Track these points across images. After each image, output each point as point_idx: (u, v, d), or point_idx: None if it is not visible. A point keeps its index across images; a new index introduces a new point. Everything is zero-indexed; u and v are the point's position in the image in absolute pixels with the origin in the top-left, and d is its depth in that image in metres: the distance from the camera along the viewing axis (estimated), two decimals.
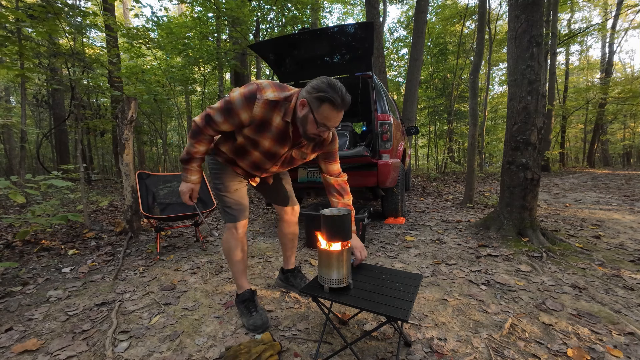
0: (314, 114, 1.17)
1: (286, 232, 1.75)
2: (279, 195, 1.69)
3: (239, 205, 1.50)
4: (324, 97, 1.14)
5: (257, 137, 1.30)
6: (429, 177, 9.11)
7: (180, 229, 3.44)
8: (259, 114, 1.22)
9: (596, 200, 4.71)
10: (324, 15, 10.28)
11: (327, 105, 1.15)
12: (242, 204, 1.52)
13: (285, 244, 1.79)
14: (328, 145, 1.45)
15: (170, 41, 7.11)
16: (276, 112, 1.24)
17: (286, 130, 1.28)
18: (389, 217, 3.52)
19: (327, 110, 1.16)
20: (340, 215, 1.23)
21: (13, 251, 2.65)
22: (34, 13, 3.04)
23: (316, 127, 1.19)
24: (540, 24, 2.63)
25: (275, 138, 1.31)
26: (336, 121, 1.21)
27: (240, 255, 1.53)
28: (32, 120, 12.12)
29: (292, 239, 1.78)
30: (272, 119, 1.25)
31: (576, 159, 20.18)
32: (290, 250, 1.81)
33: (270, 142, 1.32)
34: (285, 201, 1.69)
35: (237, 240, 1.51)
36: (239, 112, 1.22)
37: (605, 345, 1.27)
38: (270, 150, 1.35)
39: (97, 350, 1.33)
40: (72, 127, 6.58)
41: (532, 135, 2.65)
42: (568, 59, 16.01)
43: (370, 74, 2.95)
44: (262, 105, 1.21)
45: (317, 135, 1.23)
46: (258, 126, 1.26)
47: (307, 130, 1.22)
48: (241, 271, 1.55)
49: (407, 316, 1.04)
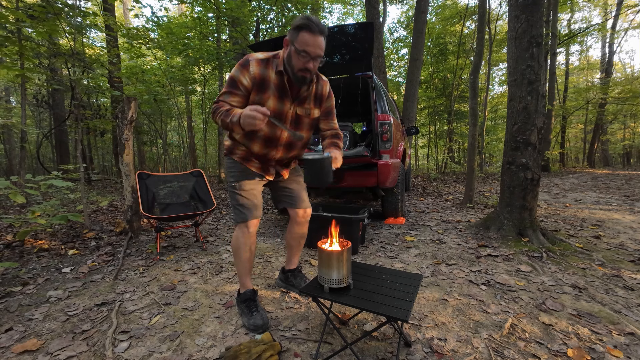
0: (295, 45, 1.27)
1: (295, 234, 1.75)
2: (292, 196, 1.69)
3: (251, 204, 1.52)
4: (299, 26, 1.25)
5: (261, 99, 1.37)
6: (429, 177, 9.11)
7: (180, 229, 3.44)
8: (256, 72, 1.35)
9: (596, 201, 4.71)
10: (324, 15, 10.30)
11: (303, 31, 1.24)
12: (255, 203, 1.54)
13: (292, 245, 1.78)
14: (326, 101, 1.55)
15: (170, 41, 7.10)
16: (270, 68, 1.37)
17: (282, 82, 1.38)
18: (389, 217, 3.52)
19: (305, 36, 1.25)
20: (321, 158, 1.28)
21: (13, 251, 2.65)
22: (34, 13, 3.04)
23: (299, 58, 1.28)
24: (540, 24, 2.63)
25: (276, 94, 1.39)
26: (315, 46, 1.26)
27: (247, 254, 1.55)
28: (32, 120, 12.12)
29: (300, 241, 1.78)
30: (269, 76, 1.36)
31: (576, 159, 20.19)
32: (295, 251, 1.81)
33: (273, 101, 1.39)
34: (298, 203, 1.69)
35: (246, 239, 1.53)
36: (240, 79, 1.34)
37: (606, 346, 1.27)
38: (276, 110, 1.40)
39: (97, 350, 1.33)
40: (72, 127, 6.59)
41: (532, 135, 2.65)
42: (568, 59, 16.01)
43: (370, 74, 2.95)
44: (255, 64, 1.34)
45: (305, 70, 1.31)
46: (259, 86, 1.36)
47: (295, 67, 1.31)
48: (246, 270, 1.57)
49: (407, 316, 1.04)
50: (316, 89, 1.49)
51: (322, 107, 1.55)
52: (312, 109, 1.50)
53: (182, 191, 2.99)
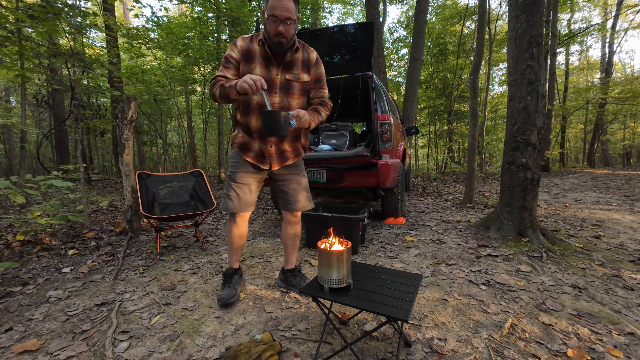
0: (266, 13, 1.41)
1: (288, 234, 1.82)
2: (287, 199, 1.74)
3: (237, 198, 1.64)
4: None
5: (249, 68, 1.52)
6: (429, 177, 9.11)
7: (180, 229, 3.44)
8: (242, 45, 1.52)
9: (596, 200, 4.72)
10: (324, 15, 10.30)
11: None
12: (242, 198, 1.64)
13: (287, 244, 1.84)
14: (315, 67, 1.63)
15: (170, 41, 7.11)
16: (254, 42, 1.53)
17: (264, 51, 1.51)
18: (389, 217, 3.52)
19: (271, 2, 1.38)
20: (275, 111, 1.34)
21: (13, 251, 2.65)
22: (34, 13, 3.04)
23: (270, 23, 1.41)
24: (540, 24, 2.63)
25: (262, 63, 1.53)
26: (282, 9, 1.37)
27: (236, 239, 1.73)
28: (32, 120, 12.12)
29: (294, 240, 1.84)
30: (254, 48, 1.52)
31: (576, 159, 20.19)
32: (291, 251, 1.85)
33: (260, 69, 1.52)
34: (292, 205, 1.74)
35: (234, 229, 1.71)
36: (230, 54, 1.53)
37: (605, 346, 1.27)
38: (263, 77, 1.49)
39: (97, 350, 1.33)
40: (72, 127, 6.59)
41: (532, 135, 2.65)
42: (568, 59, 16.01)
43: (370, 74, 2.95)
44: (241, 39, 1.54)
45: (279, 35, 1.42)
46: (245, 57, 1.52)
47: (270, 34, 1.44)
48: (232, 251, 1.77)
49: (407, 316, 1.04)
50: (303, 55, 1.59)
51: (310, 72, 1.62)
52: (300, 73, 1.59)
53: (182, 191, 2.99)
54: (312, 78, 1.64)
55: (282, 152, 1.66)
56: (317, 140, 3.77)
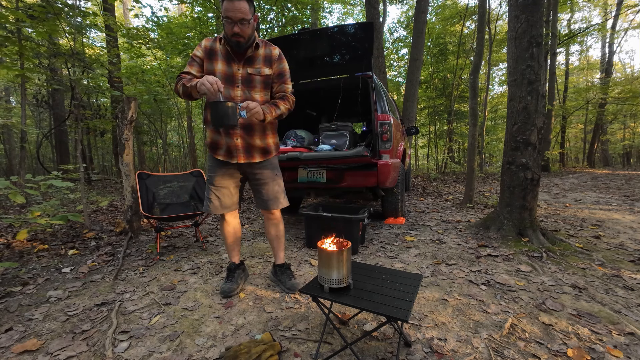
0: (222, 15, 1.51)
1: (270, 232, 1.91)
2: (263, 199, 1.81)
3: (219, 200, 1.75)
4: None
5: (212, 65, 1.62)
6: (429, 177, 9.11)
7: (180, 229, 3.44)
8: (205, 45, 1.63)
9: (596, 200, 4.72)
10: (324, 15, 10.29)
11: (225, 0, 1.47)
12: (223, 201, 1.76)
13: (271, 240, 1.93)
14: (277, 62, 1.69)
15: (170, 41, 7.11)
16: (217, 42, 1.64)
17: (225, 49, 1.61)
18: (389, 217, 3.52)
19: (225, 4, 1.47)
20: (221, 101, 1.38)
21: (13, 251, 2.65)
22: (34, 13, 3.04)
23: (226, 25, 1.50)
24: (540, 24, 2.63)
25: (224, 60, 1.62)
26: (234, 11, 1.46)
27: (230, 238, 1.87)
28: (32, 120, 12.12)
29: (277, 237, 1.91)
30: (216, 47, 1.63)
31: (576, 159, 20.19)
32: (277, 247, 1.93)
33: (222, 65, 1.61)
34: (269, 204, 1.80)
35: (226, 227, 1.85)
36: (195, 53, 1.64)
37: (605, 345, 1.27)
38: (225, 72, 1.61)
39: (97, 350, 1.33)
40: (72, 127, 6.59)
41: (532, 135, 2.65)
42: (568, 59, 16.01)
43: (370, 74, 2.95)
44: (205, 40, 1.65)
45: (236, 35, 1.51)
46: (209, 55, 1.62)
47: (227, 34, 1.53)
48: (229, 248, 1.90)
49: (407, 316, 1.04)
50: (265, 51, 1.67)
51: (273, 67, 1.69)
52: (262, 67, 1.66)
53: (182, 191, 2.99)
54: (275, 72, 1.70)
55: (248, 146, 1.69)
56: (317, 140, 3.76)
